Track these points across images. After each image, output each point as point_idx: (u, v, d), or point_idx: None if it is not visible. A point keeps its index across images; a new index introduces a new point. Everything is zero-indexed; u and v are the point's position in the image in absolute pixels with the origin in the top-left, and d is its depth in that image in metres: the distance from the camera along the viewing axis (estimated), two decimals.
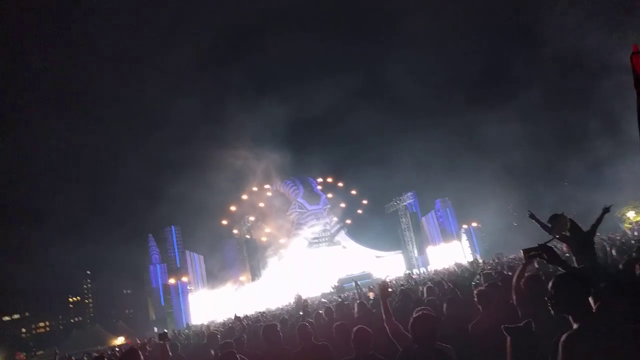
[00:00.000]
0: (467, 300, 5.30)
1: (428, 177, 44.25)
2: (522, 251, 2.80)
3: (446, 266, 25.83)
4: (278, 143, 40.31)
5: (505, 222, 40.71)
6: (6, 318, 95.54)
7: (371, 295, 7.10)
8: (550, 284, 2.59)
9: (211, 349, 6.48)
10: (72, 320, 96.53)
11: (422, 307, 3.64)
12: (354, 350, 3.74)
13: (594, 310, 2.49)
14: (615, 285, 2.80)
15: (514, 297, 3.60)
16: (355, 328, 3.83)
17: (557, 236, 5.72)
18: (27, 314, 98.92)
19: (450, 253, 37.57)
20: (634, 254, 5.65)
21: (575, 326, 2.41)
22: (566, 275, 2.61)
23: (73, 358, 13.98)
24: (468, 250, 40.41)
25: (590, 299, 2.55)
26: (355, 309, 6.34)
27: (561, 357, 2.33)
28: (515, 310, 3.54)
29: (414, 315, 3.38)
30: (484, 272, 9.21)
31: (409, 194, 42.66)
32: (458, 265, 21.70)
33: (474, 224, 41.97)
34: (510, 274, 7.61)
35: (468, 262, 23.20)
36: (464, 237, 41.62)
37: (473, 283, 9.37)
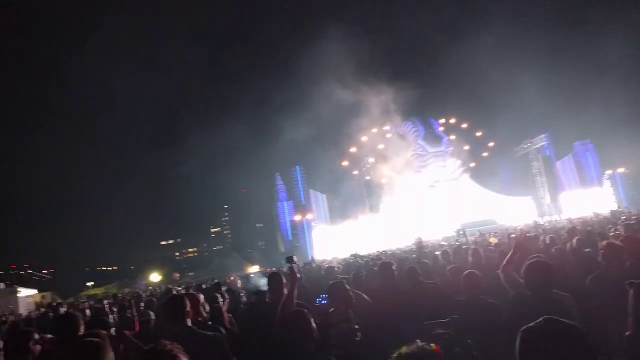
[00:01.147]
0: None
1: (565, 117, 39.70)
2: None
3: (583, 215, 23.60)
4: (399, 80, 39.12)
5: None
6: (163, 242, 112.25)
7: (492, 241, 6.92)
8: None
9: (330, 281, 7.00)
10: (214, 248, 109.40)
11: (538, 255, 3.52)
12: (463, 292, 3.81)
13: None
14: None
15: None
16: (465, 272, 3.87)
17: None
18: (179, 240, 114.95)
19: (590, 201, 34.05)
20: None
21: None
22: None
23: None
24: (612, 199, 36.19)
25: None
26: (469, 255, 6.29)
27: None
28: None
29: (528, 262, 3.30)
30: (626, 222, 8.36)
31: (542, 135, 38.85)
32: (596, 214, 19.76)
33: (621, 170, 37.20)
34: None
35: (610, 211, 20.93)
36: (607, 183, 37.25)
37: (611, 234, 8.57)
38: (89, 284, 62.73)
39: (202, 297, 4.20)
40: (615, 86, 36.47)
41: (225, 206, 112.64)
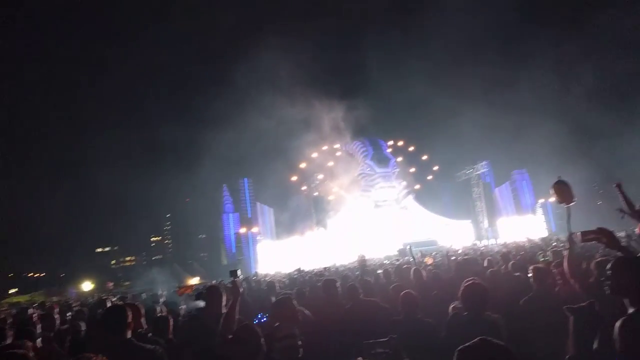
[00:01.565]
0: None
1: (504, 147, 42.00)
2: (579, 233, 2.73)
3: (517, 240, 24.91)
4: (350, 103, 39.95)
5: (588, 200, 37.99)
6: (98, 250, 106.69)
7: (428, 261, 7.15)
8: (608, 266, 2.55)
9: (271, 296, 6.94)
10: (153, 258, 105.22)
11: (474, 277, 3.68)
12: (401, 312, 3.89)
13: None
14: None
15: (573, 280, 3.52)
16: (403, 292, 3.97)
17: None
18: (116, 247, 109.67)
19: (523, 227, 36.04)
20: None
21: (630, 310, 2.37)
22: (624, 259, 2.55)
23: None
24: (543, 226, 38.50)
25: None
26: (411, 275, 6.45)
27: (617, 341, 2.31)
28: (572, 291, 3.46)
29: (464, 284, 3.44)
30: (554, 249, 8.88)
31: (483, 163, 41.05)
32: (529, 240, 20.91)
33: (552, 199, 39.67)
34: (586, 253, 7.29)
35: (541, 238, 22.27)
36: (539, 211, 39.62)
37: (541, 259, 9.06)
38: (11, 290, 58.21)
39: (142, 308, 4.04)
40: (549, 119, 39.09)
41: (168, 215, 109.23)
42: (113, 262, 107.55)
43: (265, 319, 4.05)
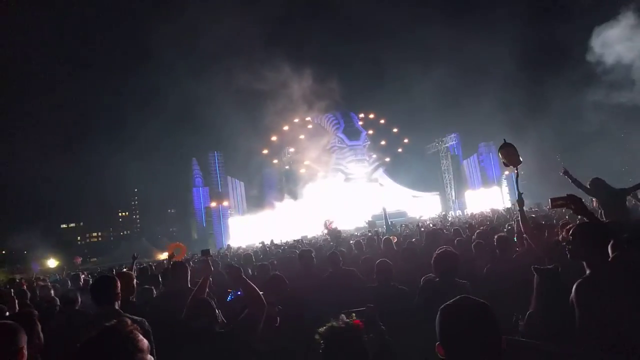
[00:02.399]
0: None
1: (474, 120, 42.81)
2: (550, 200, 2.87)
3: (483, 211, 25.72)
4: (322, 74, 39.57)
5: (551, 172, 39.37)
6: (63, 226, 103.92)
7: (394, 240, 7.34)
8: (571, 230, 2.70)
9: (248, 268, 6.99)
10: (121, 233, 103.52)
11: (446, 246, 3.82)
12: (376, 279, 4.02)
13: (609, 260, 2.59)
14: (637, 239, 2.84)
15: (529, 238, 3.74)
16: (378, 260, 4.09)
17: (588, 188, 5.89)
18: (81, 223, 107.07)
19: (489, 198, 37.16)
20: None
21: (587, 272, 2.53)
22: (586, 224, 2.70)
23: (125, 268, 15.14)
24: (507, 197, 39.77)
25: (610, 250, 2.65)
26: (382, 245, 6.62)
27: (574, 302, 2.47)
28: (534, 257, 3.65)
29: (437, 252, 3.58)
30: (516, 218, 9.27)
31: (452, 135, 41.81)
32: (494, 211, 21.65)
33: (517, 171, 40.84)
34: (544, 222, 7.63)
35: (505, 208, 23.06)
36: (504, 183, 40.83)
37: (505, 229, 9.42)
38: None
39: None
40: (516, 91, 39.96)
41: (136, 190, 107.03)
42: (79, 238, 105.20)
43: (239, 293, 4.09)
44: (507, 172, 40.96)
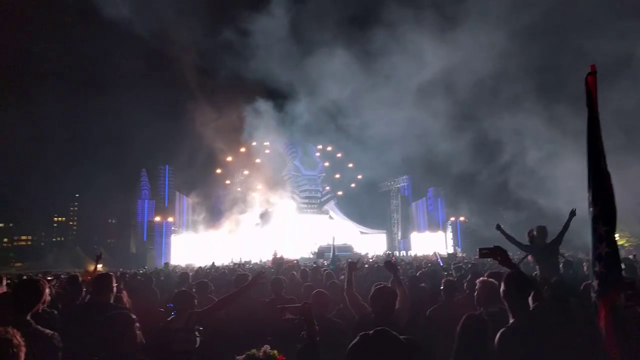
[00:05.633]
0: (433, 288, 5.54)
1: (427, 165, 44.13)
2: (478, 249, 2.96)
3: (426, 253, 26.35)
4: (284, 101, 39.87)
5: (493, 222, 40.84)
6: None
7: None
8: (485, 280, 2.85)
9: (183, 287, 6.70)
10: (54, 239, 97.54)
11: (383, 282, 3.83)
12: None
13: (530, 310, 2.73)
14: (558, 290, 3.00)
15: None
16: (315, 291, 4.04)
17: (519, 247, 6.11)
18: (10, 225, 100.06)
19: (433, 242, 38.13)
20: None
21: (511, 321, 2.64)
22: (510, 274, 2.83)
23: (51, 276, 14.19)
24: (450, 242, 41.01)
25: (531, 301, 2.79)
26: (324, 277, 6.58)
27: (497, 350, 2.54)
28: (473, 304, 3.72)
29: (375, 288, 3.57)
30: (456, 264, 9.56)
31: (404, 177, 42.97)
32: (436, 255, 22.19)
33: (462, 218, 42.37)
34: (484, 271, 7.88)
35: (447, 253, 23.74)
36: (449, 228, 42.16)
37: (445, 273, 9.63)
38: None
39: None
40: (470, 146, 41.66)
41: (77, 195, 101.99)
42: (5, 240, 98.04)
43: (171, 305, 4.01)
44: (452, 218, 42.37)
